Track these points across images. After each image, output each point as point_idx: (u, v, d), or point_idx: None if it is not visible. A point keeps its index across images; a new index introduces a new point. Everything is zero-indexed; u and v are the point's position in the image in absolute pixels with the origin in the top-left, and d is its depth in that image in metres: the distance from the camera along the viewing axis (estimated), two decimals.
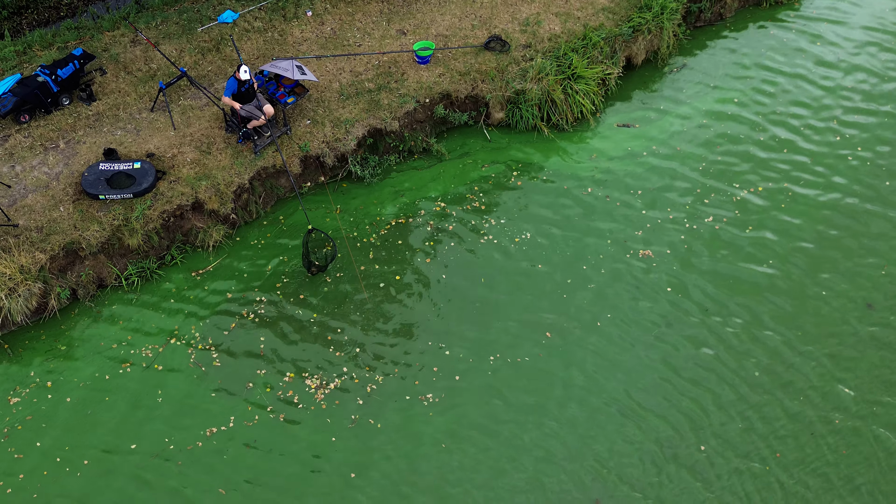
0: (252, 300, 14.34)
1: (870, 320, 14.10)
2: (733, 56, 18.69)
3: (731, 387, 13.36)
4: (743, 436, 12.85)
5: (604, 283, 14.59)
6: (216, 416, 12.94)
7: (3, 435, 12.58)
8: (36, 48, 16.84)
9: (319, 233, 14.70)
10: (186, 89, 16.31)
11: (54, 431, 12.70)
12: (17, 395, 13.07)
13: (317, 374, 13.42)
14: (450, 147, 16.79)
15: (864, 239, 15.23)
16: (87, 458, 12.44)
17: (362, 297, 14.40)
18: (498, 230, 15.33)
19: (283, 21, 17.67)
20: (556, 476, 12.51)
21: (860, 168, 16.37)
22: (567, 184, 16.08)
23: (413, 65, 17.04)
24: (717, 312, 14.24)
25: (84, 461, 12.40)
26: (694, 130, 17.08)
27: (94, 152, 15.16)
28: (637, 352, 13.76)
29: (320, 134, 15.79)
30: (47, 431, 12.69)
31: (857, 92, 17.86)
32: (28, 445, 12.52)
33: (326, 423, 12.90)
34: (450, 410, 13.10)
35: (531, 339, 13.89)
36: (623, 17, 18.15)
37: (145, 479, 12.28)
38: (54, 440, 12.60)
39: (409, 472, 12.46)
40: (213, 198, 14.81)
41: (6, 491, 12.07)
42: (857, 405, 13.17)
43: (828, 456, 12.68)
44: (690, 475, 12.49)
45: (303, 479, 12.37)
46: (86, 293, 14.29)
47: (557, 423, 13.00)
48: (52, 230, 14.07)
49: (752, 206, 15.74)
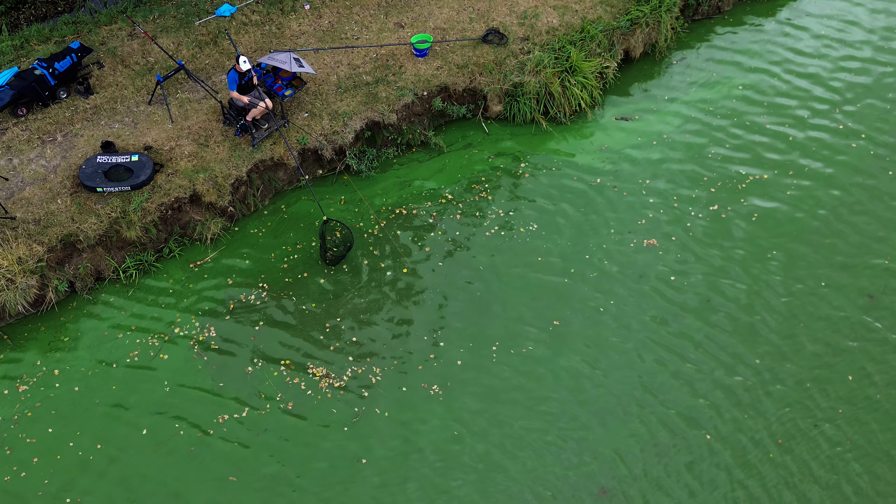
0: (252, 290, 14.35)
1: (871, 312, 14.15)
2: (732, 49, 18.67)
3: (735, 377, 13.36)
4: (749, 424, 12.86)
5: (609, 273, 14.60)
6: (223, 405, 13.01)
7: (14, 421, 12.72)
8: (33, 42, 16.82)
9: (335, 223, 14.74)
10: (184, 82, 16.29)
11: (65, 418, 12.83)
12: (24, 382, 13.18)
13: (321, 364, 13.46)
14: (449, 140, 16.78)
15: (869, 228, 15.23)
16: (99, 443, 12.59)
17: (366, 287, 14.41)
18: (503, 221, 15.35)
19: (280, 14, 17.65)
20: (561, 465, 12.51)
21: (864, 157, 16.39)
22: (572, 175, 16.07)
23: (411, 58, 17.02)
24: (721, 302, 14.23)
25: (98, 445, 12.55)
26: (693, 122, 17.07)
27: (91, 145, 15.15)
28: (642, 342, 13.76)
29: (318, 127, 15.78)
30: (57, 418, 12.82)
31: (857, 84, 17.84)
32: (40, 431, 12.68)
33: (332, 412, 12.97)
34: (453, 401, 13.12)
35: (535, 330, 13.89)
36: (621, 10, 18.13)
37: (157, 466, 12.40)
38: (65, 426, 12.74)
39: (416, 462, 12.53)
40: (211, 190, 14.80)
41: (20, 474, 12.25)
42: (858, 399, 13.18)
43: (834, 450, 12.69)
44: (696, 465, 12.49)
45: (312, 466, 12.45)
46: (83, 286, 14.28)
47: (561, 413, 13.00)
48: (50, 223, 14.05)
49: (756, 196, 15.74)
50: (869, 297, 14.31)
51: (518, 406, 13.11)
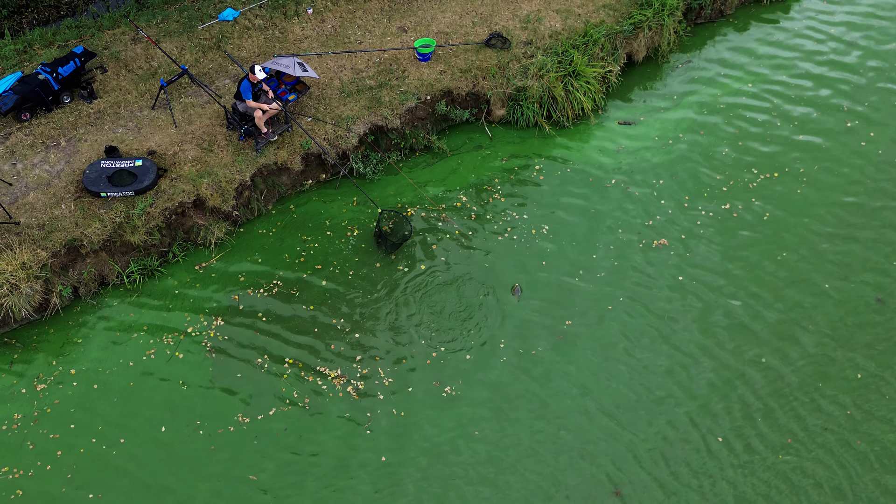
0: (263, 290, 14.39)
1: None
2: (735, 52, 18.69)
3: (747, 377, 13.37)
4: (762, 425, 12.88)
5: (619, 273, 14.65)
6: (240, 403, 13.10)
7: (34, 418, 12.85)
8: (36, 47, 16.82)
9: (391, 212, 15.03)
10: (187, 87, 16.29)
11: (85, 415, 12.96)
12: (41, 381, 13.28)
13: (334, 364, 13.53)
14: (452, 144, 16.79)
15: (881, 229, 15.30)
16: (122, 437, 12.71)
17: (377, 286, 14.45)
18: (515, 222, 15.41)
19: (283, 19, 17.65)
20: (573, 465, 12.51)
21: (872, 157, 16.44)
22: (582, 177, 16.15)
23: (414, 62, 17.02)
24: (733, 302, 14.24)
25: (121, 439, 12.67)
26: (700, 125, 17.08)
27: (95, 150, 15.14)
28: (653, 342, 13.79)
29: (322, 131, 15.77)
30: (77, 415, 12.94)
31: (863, 84, 17.86)
32: (61, 427, 12.80)
33: (346, 411, 13.04)
34: (464, 400, 13.16)
35: (545, 331, 13.92)
36: (624, 14, 18.14)
37: (176, 463, 12.49)
38: (86, 423, 12.88)
39: (426, 462, 12.57)
40: (215, 195, 14.79)
41: (46, 468, 12.37)
42: (866, 399, 13.18)
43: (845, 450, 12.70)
44: (707, 466, 12.48)
45: (330, 464, 12.54)
46: (87, 290, 14.27)
47: (574, 413, 13.01)
48: (54, 228, 14.04)
49: (767, 196, 15.78)
50: (878, 299, 14.31)
51: (529, 406, 13.12)
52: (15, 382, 13.23)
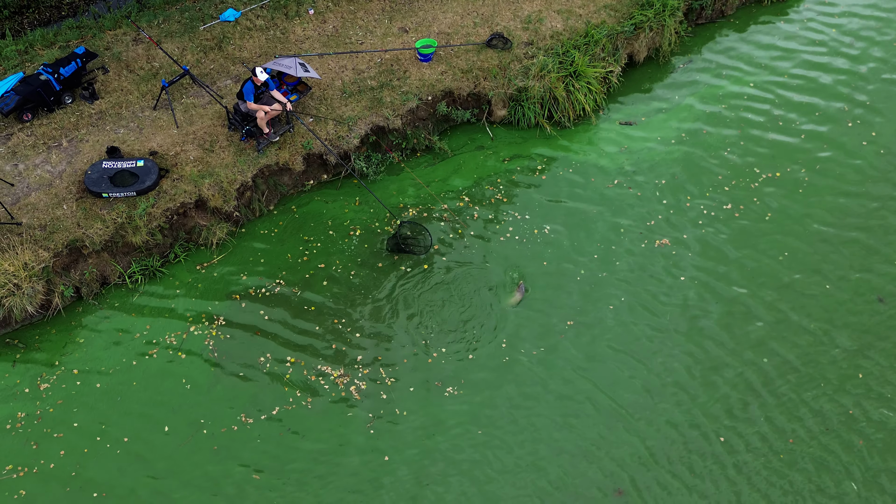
0: (266, 288, 14.40)
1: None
2: (736, 52, 18.72)
3: (751, 376, 13.38)
4: (764, 426, 12.89)
5: (620, 272, 14.66)
6: (243, 402, 13.11)
7: (37, 416, 12.86)
8: (38, 47, 16.83)
9: (412, 224, 15.01)
10: (189, 87, 16.30)
11: (88, 414, 12.98)
12: (45, 381, 13.28)
13: (337, 363, 13.54)
14: (453, 144, 16.81)
15: (882, 229, 15.29)
16: (125, 436, 12.73)
17: (380, 285, 14.46)
18: (517, 221, 15.43)
19: (285, 19, 17.67)
20: (576, 465, 12.52)
21: (875, 156, 16.45)
22: (583, 178, 16.15)
23: (415, 62, 17.04)
24: (734, 301, 14.25)
25: (125, 438, 12.70)
26: (702, 124, 17.11)
27: (97, 150, 15.15)
28: (654, 341, 13.79)
29: (323, 131, 15.78)
30: (80, 414, 12.96)
31: (865, 84, 17.88)
32: (65, 426, 12.82)
33: (349, 410, 13.04)
34: (467, 400, 13.17)
35: (548, 331, 13.93)
36: (625, 15, 18.16)
37: (181, 462, 12.50)
38: (89, 422, 12.90)
39: (430, 461, 12.59)
40: (217, 195, 14.80)
41: (49, 467, 12.38)
42: (862, 396, 13.20)
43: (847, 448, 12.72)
44: (711, 467, 12.49)
45: (336, 462, 12.56)
46: (89, 291, 14.28)
47: (577, 412, 13.01)
48: (56, 228, 14.05)
49: (769, 195, 15.81)
50: (879, 299, 14.33)
51: (530, 406, 13.12)
52: (18, 382, 13.25)
